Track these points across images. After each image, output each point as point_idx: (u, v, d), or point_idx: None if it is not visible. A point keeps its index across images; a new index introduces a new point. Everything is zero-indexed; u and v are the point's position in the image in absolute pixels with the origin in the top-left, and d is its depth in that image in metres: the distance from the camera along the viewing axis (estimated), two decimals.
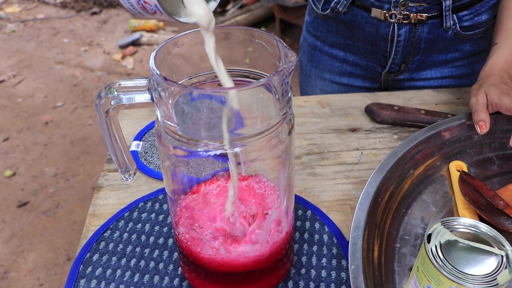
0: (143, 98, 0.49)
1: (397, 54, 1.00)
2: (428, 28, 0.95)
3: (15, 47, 3.62)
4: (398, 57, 1.00)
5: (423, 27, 0.95)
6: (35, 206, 2.18)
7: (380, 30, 0.97)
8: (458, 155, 0.79)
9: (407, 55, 1.00)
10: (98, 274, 0.64)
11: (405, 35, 0.96)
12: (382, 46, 1.00)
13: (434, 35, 0.96)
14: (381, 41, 0.99)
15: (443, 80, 1.05)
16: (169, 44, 0.50)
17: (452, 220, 0.52)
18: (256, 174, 0.59)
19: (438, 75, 1.05)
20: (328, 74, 1.12)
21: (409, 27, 0.95)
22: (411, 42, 0.97)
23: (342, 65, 1.09)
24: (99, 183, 0.79)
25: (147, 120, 0.94)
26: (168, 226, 0.70)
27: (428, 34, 0.96)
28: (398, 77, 1.06)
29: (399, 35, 0.96)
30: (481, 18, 0.96)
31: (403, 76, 1.05)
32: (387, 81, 1.08)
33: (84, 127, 2.71)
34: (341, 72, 1.10)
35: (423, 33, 0.96)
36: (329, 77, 1.12)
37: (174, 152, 0.49)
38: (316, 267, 0.64)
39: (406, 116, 0.89)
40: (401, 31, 0.96)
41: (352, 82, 1.10)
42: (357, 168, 0.81)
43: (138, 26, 3.74)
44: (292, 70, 0.47)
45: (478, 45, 1.01)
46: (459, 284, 0.46)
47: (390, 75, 1.06)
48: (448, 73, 1.04)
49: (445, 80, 1.05)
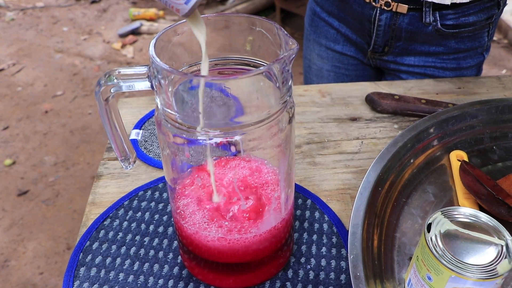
0: (143, 86, 0.49)
1: (378, 37, 1.02)
2: (409, 19, 0.96)
3: (15, 36, 3.60)
4: (379, 40, 1.02)
5: (404, 17, 0.96)
6: (35, 195, 2.18)
7: (365, 11, 1.00)
8: (459, 145, 0.79)
9: (389, 40, 1.02)
10: (98, 262, 0.64)
11: (385, 21, 0.98)
12: (367, 26, 1.02)
13: (414, 27, 0.97)
14: (365, 21, 1.02)
15: (426, 69, 1.05)
16: (168, 32, 0.50)
17: (452, 209, 0.52)
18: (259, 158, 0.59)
19: (421, 63, 1.05)
20: (324, 40, 1.14)
21: (390, 14, 0.97)
22: (392, 29, 0.99)
23: (337, 33, 1.11)
24: (99, 171, 0.79)
25: (147, 108, 0.93)
26: (168, 214, 0.70)
27: (408, 25, 0.97)
28: (382, 57, 1.07)
29: (380, 20, 0.98)
30: (469, 19, 0.96)
31: (387, 57, 1.07)
32: (373, 59, 1.10)
33: (84, 116, 2.70)
34: (335, 39, 1.12)
35: (403, 23, 0.97)
36: (325, 43, 1.15)
37: (174, 140, 0.49)
38: (316, 256, 0.64)
39: (406, 106, 0.89)
40: (382, 16, 0.98)
41: (345, 51, 1.12)
42: (357, 157, 0.81)
43: (138, 15, 3.72)
44: (293, 58, 0.46)
45: (464, 43, 1.00)
46: (459, 273, 0.46)
47: (375, 54, 1.08)
48: (432, 63, 1.04)
49: (429, 69, 1.05)
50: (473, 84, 0.99)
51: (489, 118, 0.81)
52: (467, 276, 0.46)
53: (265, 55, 0.52)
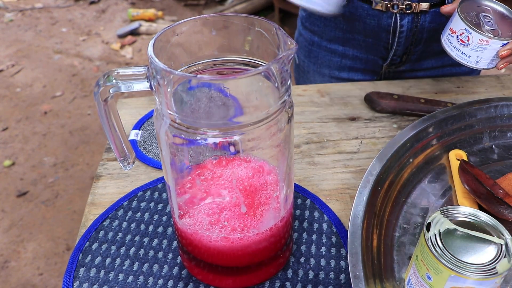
0: (141, 86, 0.49)
1: (399, 45, 0.98)
2: (431, 17, 0.94)
3: (13, 37, 3.60)
4: (400, 48, 0.99)
5: (426, 16, 0.94)
6: (35, 196, 2.18)
7: (382, 21, 0.95)
8: (458, 144, 0.79)
9: (409, 46, 0.99)
10: (97, 262, 0.64)
11: (407, 25, 0.95)
12: (384, 38, 0.98)
13: (437, 23, 0.95)
14: (382, 33, 0.97)
15: (444, 69, 1.04)
16: (167, 32, 0.50)
17: (452, 209, 0.52)
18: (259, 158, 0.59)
19: (439, 64, 1.04)
20: (327, 70, 1.10)
21: (412, 17, 0.94)
22: (414, 32, 0.96)
23: (341, 59, 1.07)
24: (98, 172, 0.79)
25: (146, 109, 0.93)
26: (168, 215, 0.70)
27: (430, 23, 0.95)
28: (399, 68, 1.05)
29: (402, 26, 0.95)
30: None
31: (404, 67, 1.04)
32: (387, 73, 1.07)
33: (83, 117, 2.70)
34: (340, 66, 1.08)
35: (425, 22, 0.94)
36: (328, 72, 1.10)
37: (173, 140, 0.49)
38: (315, 255, 0.64)
39: (405, 105, 0.89)
40: (404, 21, 0.94)
41: (352, 76, 1.09)
42: (357, 157, 0.81)
43: (136, 16, 3.71)
44: (291, 58, 0.46)
45: None
46: (458, 272, 0.47)
47: (391, 67, 1.05)
48: (448, 61, 1.03)
49: (446, 69, 1.04)
50: (472, 83, 1.00)
51: (488, 117, 0.81)
52: (466, 275, 0.46)
53: (264, 55, 0.52)
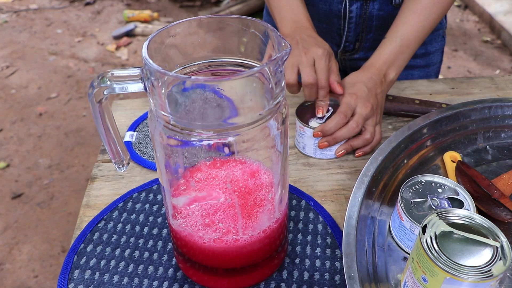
0: (136, 87, 0.49)
1: (350, 31, 1.01)
2: (379, 4, 0.96)
3: (8, 38, 3.59)
4: (351, 34, 1.02)
5: (374, 4, 0.96)
6: (30, 198, 2.17)
7: (333, 6, 0.99)
8: (452, 145, 0.79)
9: (360, 33, 1.01)
10: (92, 264, 0.63)
11: (356, 11, 0.98)
12: (336, 24, 1.01)
13: (385, 11, 0.97)
14: (334, 18, 1.00)
15: None
16: (162, 33, 0.50)
17: (447, 211, 0.52)
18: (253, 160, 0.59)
19: None
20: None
21: (360, 3, 0.97)
22: (363, 19, 0.99)
23: None
24: (93, 173, 0.79)
25: (141, 110, 0.93)
26: (162, 216, 0.70)
27: (378, 10, 0.97)
28: (353, 56, 1.07)
29: (351, 11, 0.98)
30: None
31: (358, 55, 1.06)
32: (343, 60, 1.09)
33: (79, 119, 2.69)
34: None
35: (374, 10, 0.97)
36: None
37: (168, 141, 0.49)
38: (311, 256, 0.64)
39: (400, 106, 0.89)
40: (353, 7, 0.97)
41: None
42: (352, 158, 0.81)
43: (132, 17, 3.71)
44: (285, 59, 0.46)
45: None
46: (454, 275, 0.46)
47: (346, 54, 1.07)
48: None
49: None
50: (466, 84, 1.00)
51: (482, 118, 0.81)
52: (462, 277, 0.46)
53: (258, 56, 0.52)
